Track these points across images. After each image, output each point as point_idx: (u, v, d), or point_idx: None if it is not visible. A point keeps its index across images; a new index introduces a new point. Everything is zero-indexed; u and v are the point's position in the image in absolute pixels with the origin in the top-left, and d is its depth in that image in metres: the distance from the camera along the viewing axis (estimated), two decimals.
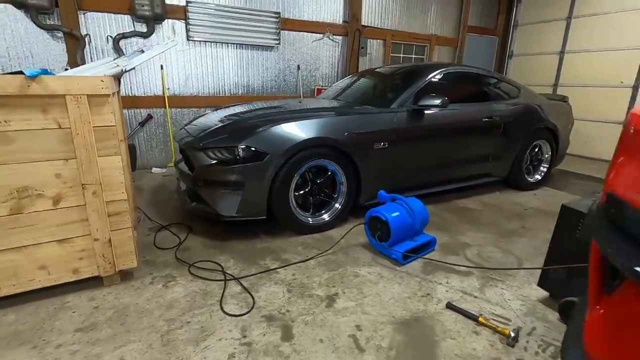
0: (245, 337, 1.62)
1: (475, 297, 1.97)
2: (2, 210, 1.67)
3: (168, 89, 4.59)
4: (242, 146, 2.43)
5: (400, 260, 2.27)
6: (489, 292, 2.02)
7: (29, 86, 1.57)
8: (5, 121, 1.59)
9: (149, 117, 4.57)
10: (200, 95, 4.82)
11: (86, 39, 3.96)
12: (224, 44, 4.79)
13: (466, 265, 2.28)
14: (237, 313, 1.78)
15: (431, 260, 2.34)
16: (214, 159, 2.47)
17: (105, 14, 4.06)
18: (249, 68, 5.06)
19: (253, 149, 2.45)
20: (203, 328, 1.67)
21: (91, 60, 4.08)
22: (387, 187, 2.90)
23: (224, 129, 2.64)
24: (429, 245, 2.46)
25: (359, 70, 5.82)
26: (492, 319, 1.77)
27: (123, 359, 1.48)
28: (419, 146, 3.09)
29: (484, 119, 3.43)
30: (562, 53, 6.12)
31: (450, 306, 1.86)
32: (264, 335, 1.63)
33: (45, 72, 1.63)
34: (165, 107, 4.61)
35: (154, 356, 1.50)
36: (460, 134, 3.33)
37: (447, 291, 2.01)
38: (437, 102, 2.94)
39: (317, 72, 5.61)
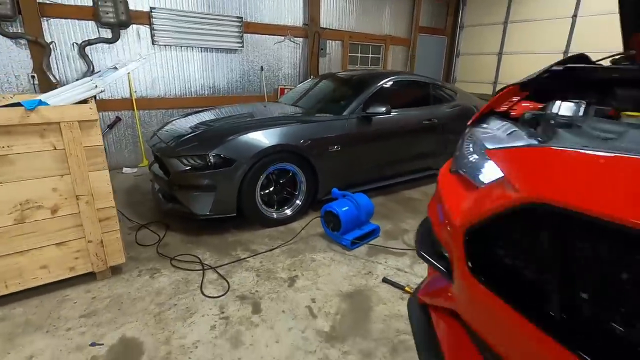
0: (223, 313, 2.05)
1: (406, 272, 2.50)
2: (8, 221, 1.97)
3: (135, 91, 4.77)
4: (213, 154, 2.80)
5: (349, 246, 2.77)
6: (417, 268, 2.56)
7: (28, 116, 1.86)
8: (8, 146, 1.88)
9: (117, 119, 4.74)
10: (167, 97, 5.03)
11: (51, 46, 4.06)
12: (188, 48, 5.01)
13: (402, 248, 2.82)
14: (215, 295, 2.20)
15: (375, 245, 2.86)
16: (188, 165, 2.82)
17: (70, 20, 4.16)
18: (214, 70, 5.31)
19: (222, 156, 2.82)
20: (188, 308, 2.08)
21: (57, 67, 4.19)
22: (341, 184, 3.38)
23: (196, 137, 2.99)
24: (373, 233, 2.98)
25: (319, 70, 6.22)
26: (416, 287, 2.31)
27: (125, 335, 1.87)
28: (368, 147, 3.58)
29: (424, 122, 3.98)
30: (500, 54, 6.84)
31: (385, 280, 2.38)
32: (238, 310, 2.07)
33: (40, 102, 1.92)
34: (134, 110, 4.79)
35: (150, 331, 1.89)
36: (404, 136, 3.86)
37: (384, 269, 2.53)
38: (382, 109, 3.43)
39: (280, 73, 5.95)
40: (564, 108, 0.93)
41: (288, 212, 3.22)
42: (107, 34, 4.38)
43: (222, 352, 1.77)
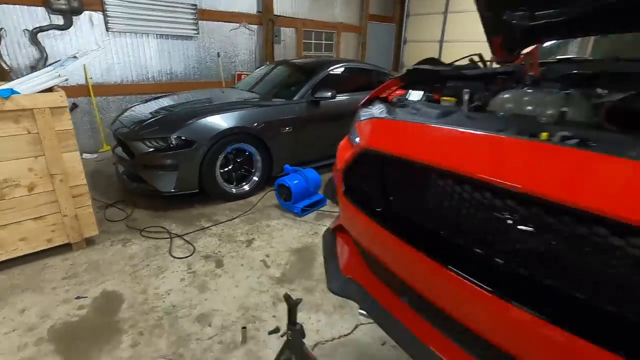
0: (190, 269, 2.44)
1: None
2: None
3: (91, 78, 4.84)
4: (175, 136, 3.10)
5: (300, 213, 3.22)
6: None
7: (4, 104, 2.10)
8: None
9: (74, 105, 4.81)
10: (124, 83, 5.13)
11: (1, 33, 4.06)
12: (144, 35, 5.11)
13: None
14: (183, 256, 2.58)
15: (322, 211, 3.34)
16: (151, 147, 3.11)
17: (19, 6, 4.15)
18: (171, 56, 5.45)
19: (184, 138, 3.13)
20: (159, 267, 2.45)
21: (8, 54, 4.19)
22: (293, 162, 3.80)
23: (157, 121, 3.27)
24: (321, 202, 3.45)
25: (275, 57, 6.51)
26: None
27: (105, 289, 2.21)
28: (317, 129, 4.02)
29: None
30: (441, 42, 7.47)
31: None
32: (203, 266, 2.47)
33: (13, 91, 2.15)
34: (90, 96, 4.87)
35: (127, 285, 2.25)
36: (349, 117, 4.33)
37: (326, 229, 3.01)
38: (328, 94, 3.86)
39: (237, 59, 6.18)
40: (412, 95, 1.41)
41: (246, 187, 3.60)
42: (59, 20, 4.41)
43: (191, 296, 2.17)
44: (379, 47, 8.12)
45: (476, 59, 1.90)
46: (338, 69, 4.34)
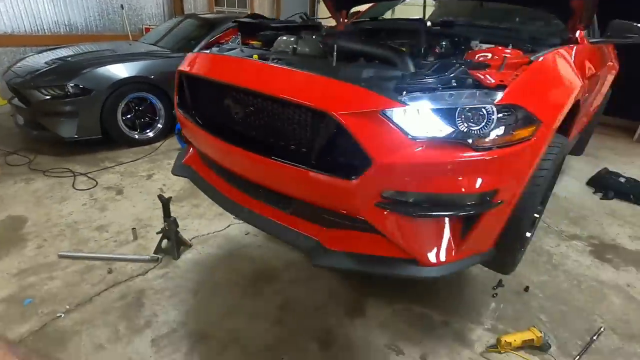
0: (92, 196, 2.84)
1: None
2: None
3: None
4: (72, 84, 3.31)
5: None
6: None
7: None
8: None
9: None
10: (15, 34, 4.92)
11: None
12: None
13: None
14: (86, 188, 2.95)
15: None
16: (48, 95, 3.29)
17: None
18: (67, 6, 5.27)
19: (81, 86, 3.35)
20: (63, 197, 2.81)
21: None
22: None
23: (53, 70, 3.42)
24: None
25: (185, 10, 6.52)
26: None
27: (10, 214, 2.54)
28: None
29: None
30: None
31: None
32: (105, 195, 2.88)
33: None
34: None
35: (32, 210, 2.60)
36: None
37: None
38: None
39: (144, 12, 6.10)
40: (235, 40, 1.95)
41: (150, 134, 3.94)
42: None
43: (92, 215, 2.60)
44: (293, 2, 8.38)
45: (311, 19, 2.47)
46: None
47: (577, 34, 1.93)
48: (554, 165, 1.40)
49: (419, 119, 1.10)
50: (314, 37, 1.61)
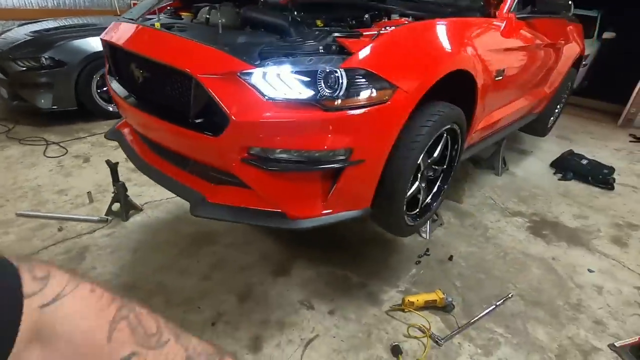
0: (60, 163, 3.00)
1: None
2: None
3: None
4: (46, 56, 3.44)
5: None
6: None
7: None
8: None
9: None
10: (2, 7, 5.03)
11: None
12: None
13: None
14: (55, 156, 3.11)
15: None
16: (24, 67, 3.42)
17: None
18: None
19: (56, 59, 3.47)
20: (33, 163, 2.97)
21: None
22: None
23: (30, 42, 3.54)
24: None
25: None
26: None
27: None
28: None
29: None
30: None
31: None
32: (72, 162, 3.03)
33: None
34: None
35: (1, 175, 2.77)
36: None
37: None
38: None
39: None
40: (167, 12, 2.03)
41: None
42: None
43: (55, 180, 2.76)
44: None
45: None
46: None
47: (492, 9, 1.99)
48: (432, 131, 1.46)
49: (275, 81, 1.18)
50: (234, 8, 1.68)
